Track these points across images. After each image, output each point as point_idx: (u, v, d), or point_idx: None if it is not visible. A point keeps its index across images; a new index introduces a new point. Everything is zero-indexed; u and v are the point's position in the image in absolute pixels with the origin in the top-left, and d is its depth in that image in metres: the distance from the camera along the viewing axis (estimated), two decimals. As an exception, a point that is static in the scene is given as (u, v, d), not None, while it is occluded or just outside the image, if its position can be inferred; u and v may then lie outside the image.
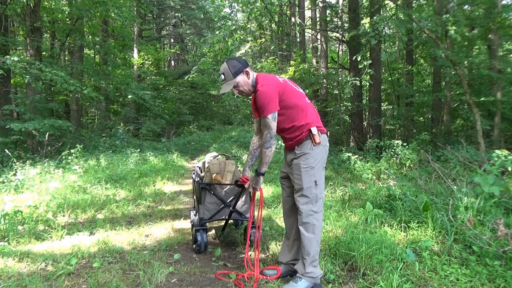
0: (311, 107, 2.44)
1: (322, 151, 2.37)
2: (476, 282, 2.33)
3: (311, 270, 2.27)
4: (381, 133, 10.79)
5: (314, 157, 2.33)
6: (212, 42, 9.02)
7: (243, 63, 2.40)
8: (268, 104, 2.26)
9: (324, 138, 2.40)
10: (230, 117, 29.06)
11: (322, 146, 2.37)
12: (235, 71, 2.36)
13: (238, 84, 2.38)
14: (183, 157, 11.05)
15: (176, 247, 3.23)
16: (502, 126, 8.04)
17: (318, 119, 2.42)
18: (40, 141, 8.44)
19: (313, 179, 2.31)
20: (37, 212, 3.87)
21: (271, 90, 2.28)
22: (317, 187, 2.32)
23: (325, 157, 2.41)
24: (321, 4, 12.34)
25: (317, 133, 2.33)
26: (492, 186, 3.29)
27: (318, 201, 2.33)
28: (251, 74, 2.40)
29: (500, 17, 7.05)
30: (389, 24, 6.97)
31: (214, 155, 3.57)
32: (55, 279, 2.49)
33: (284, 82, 2.40)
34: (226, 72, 2.37)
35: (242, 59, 2.46)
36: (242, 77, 2.37)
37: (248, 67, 2.41)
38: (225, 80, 2.39)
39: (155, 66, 20.94)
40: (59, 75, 7.90)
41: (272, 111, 2.26)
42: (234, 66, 2.37)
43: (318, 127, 2.37)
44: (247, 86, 2.40)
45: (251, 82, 2.40)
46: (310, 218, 2.30)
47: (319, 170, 2.34)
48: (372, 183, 5.29)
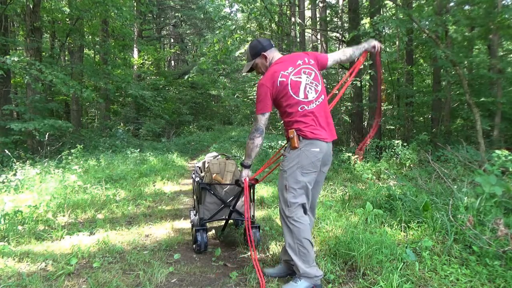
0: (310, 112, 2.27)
1: (300, 156, 2.23)
2: (476, 282, 2.33)
3: (304, 271, 2.25)
4: (381, 133, 10.79)
5: (289, 161, 2.28)
6: (212, 42, 9.03)
7: (264, 45, 2.41)
8: (259, 103, 2.30)
9: (308, 143, 2.24)
10: (230, 117, 29.07)
11: (301, 151, 2.24)
12: (253, 52, 2.43)
13: (257, 66, 2.46)
14: (183, 157, 11.05)
15: (176, 247, 3.23)
16: (502, 126, 8.03)
17: (308, 123, 2.25)
18: (40, 141, 8.44)
19: (284, 183, 2.28)
20: (37, 212, 3.87)
21: (262, 90, 2.28)
22: (288, 192, 2.25)
23: (305, 162, 2.23)
24: (321, 4, 12.35)
25: (295, 136, 2.24)
26: (493, 186, 3.28)
27: (291, 206, 2.24)
28: (270, 57, 2.41)
29: (500, 17, 7.05)
30: (389, 24, 6.97)
31: (214, 155, 3.57)
32: (55, 279, 2.49)
33: (282, 85, 2.25)
34: (247, 53, 2.48)
35: (267, 41, 2.46)
36: (260, 59, 2.43)
37: (269, 50, 2.41)
38: (246, 60, 2.50)
39: (155, 66, 20.94)
40: (59, 77, 7.90)
41: (260, 112, 2.31)
42: (254, 47, 2.43)
43: (300, 131, 2.24)
44: (264, 68, 2.44)
45: (268, 64, 2.41)
46: (283, 221, 2.32)
47: (292, 174, 2.24)
48: (372, 183, 5.29)
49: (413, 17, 6.41)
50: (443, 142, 7.93)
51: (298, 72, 2.30)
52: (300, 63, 2.34)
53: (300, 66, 2.33)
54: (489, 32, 7.72)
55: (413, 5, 10.00)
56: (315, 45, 15.68)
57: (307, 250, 2.24)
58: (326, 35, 12.90)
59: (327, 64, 2.51)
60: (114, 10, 10.30)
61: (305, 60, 2.37)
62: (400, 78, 13.35)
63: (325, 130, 2.31)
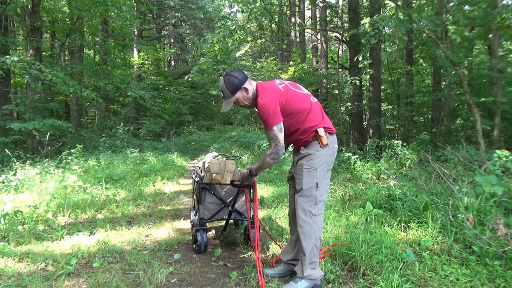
0: (317, 107, 2.36)
1: (328, 153, 2.30)
2: (476, 282, 2.33)
3: (309, 273, 2.25)
4: (381, 133, 10.79)
5: (318, 158, 2.27)
6: (212, 42, 9.03)
7: (240, 79, 2.32)
8: (271, 117, 2.21)
9: (332, 140, 2.33)
10: (230, 117, 29.05)
11: (329, 148, 2.29)
12: (232, 88, 2.32)
13: (238, 100, 2.37)
14: (183, 157, 11.05)
15: (176, 247, 3.23)
16: (502, 126, 8.03)
17: (325, 119, 2.34)
18: (40, 141, 8.44)
19: (315, 181, 2.26)
20: (37, 212, 3.87)
21: (271, 102, 2.22)
22: (318, 189, 2.26)
23: (331, 159, 2.33)
24: (321, 4, 12.34)
25: (324, 134, 2.27)
26: (493, 186, 3.28)
27: (318, 203, 2.27)
28: (250, 88, 2.33)
29: (500, 17, 7.05)
30: (389, 23, 6.97)
31: (214, 155, 3.57)
32: (55, 279, 2.49)
33: (285, 89, 2.31)
34: (224, 90, 2.35)
35: (241, 73, 2.38)
36: (240, 93, 2.34)
37: (247, 81, 2.34)
38: (225, 98, 2.38)
39: (155, 66, 20.94)
40: (59, 76, 7.91)
41: (276, 123, 2.22)
42: (231, 83, 2.32)
43: (326, 127, 2.30)
44: (248, 101, 2.37)
45: (251, 95, 2.34)
46: (307, 220, 2.27)
47: (322, 172, 2.27)
48: (372, 183, 5.28)
49: (413, 17, 6.41)
50: (443, 142, 7.93)
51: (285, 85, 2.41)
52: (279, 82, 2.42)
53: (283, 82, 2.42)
54: (489, 32, 7.72)
55: (413, 5, 10.00)
56: (315, 45, 15.67)
57: (318, 250, 2.29)
58: (326, 35, 12.89)
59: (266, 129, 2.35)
60: (114, 10, 10.31)
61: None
62: (400, 78, 13.35)
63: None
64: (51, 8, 10.99)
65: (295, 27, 12.42)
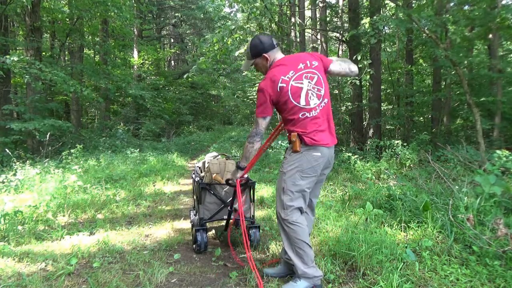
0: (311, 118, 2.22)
1: (301, 159, 2.22)
2: (476, 282, 2.32)
3: (303, 272, 2.24)
4: (381, 133, 10.79)
5: (289, 163, 2.26)
6: (211, 42, 9.02)
7: (265, 46, 2.31)
8: (260, 107, 2.25)
9: (310, 148, 2.22)
10: (230, 117, 29.08)
11: (302, 155, 2.22)
12: (254, 52, 2.35)
13: (257, 65, 2.41)
14: (183, 157, 11.05)
15: (176, 247, 3.23)
16: (502, 126, 8.03)
17: (310, 129, 2.21)
18: (40, 141, 8.44)
19: (282, 185, 2.27)
20: (37, 212, 3.87)
21: (263, 96, 2.22)
22: (285, 195, 2.24)
23: (305, 166, 2.21)
24: (321, 4, 12.34)
25: (297, 139, 2.21)
26: (493, 186, 3.28)
27: (287, 208, 2.23)
28: (271, 59, 2.32)
29: (500, 17, 7.05)
30: (389, 23, 6.97)
31: (214, 155, 3.57)
32: (55, 279, 2.49)
33: (282, 91, 2.19)
34: (247, 51, 2.41)
35: (269, 40, 2.34)
36: (260, 60, 2.36)
37: (271, 51, 2.31)
38: (246, 57, 2.45)
39: (155, 66, 20.94)
40: (59, 76, 7.90)
41: (262, 116, 2.26)
42: (255, 46, 2.34)
43: (303, 135, 2.20)
44: (264, 68, 2.39)
45: (269, 65, 2.35)
46: (279, 223, 2.31)
47: (291, 177, 2.23)
48: (372, 183, 5.28)
49: (413, 17, 6.41)
50: (443, 142, 7.93)
51: (299, 77, 2.22)
52: (301, 66, 2.24)
53: (302, 70, 2.23)
54: (489, 32, 7.72)
55: (413, 5, 10.00)
56: (315, 45, 15.67)
57: (304, 251, 2.23)
58: (326, 35, 12.89)
59: (330, 69, 2.37)
60: (114, 10, 10.32)
61: (307, 64, 2.26)
62: (400, 78, 13.35)
63: (327, 135, 2.28)
64: (51, 8, 10.99)
65: (295, 27, 12.40)
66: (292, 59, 2.30)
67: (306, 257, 2.23)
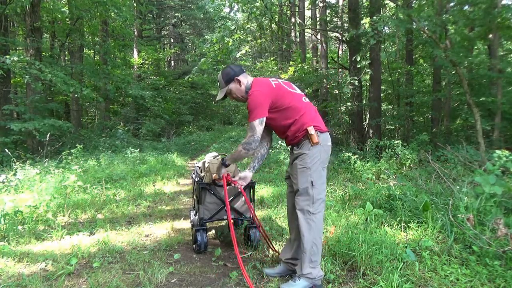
0: (308, 106, 2.41)
1: (321, 151, 2.32)
2: (476, 282, 2.33)
3: (308, 271, 2.26)
4: (381, 133, 10.79)
5: (311, 157, 2.30)
6: (212, 42, 9.03)
7: (236, 71, 2.44)
8: (256, 109, 2.29)
9: (324, 138, 2.35)
10: (230, 117, 29.09)
11: (321, 146, 2.32)
12: (226, 79, 2.44)
13: (230, 91, 2.47)
14: (183, 157, 11.05)
15: (176, 247, 3.23)
16: (502, 126, 8.02)
17: (316, 119, 2.38)
18: (40, 141, 8.44)
19: (309, 180, 2.28)
20: (37, 212, 3.87)
21: (261, 96, 2.30)
22: (314, 188, 2.28)
23: (325, 157, 2.35)
24: (321, 4, 12.34)
25: (314, 132, 2.30)
26: (493, 186, 3.28)
27: (316, 202, 2.29)
28: (244, 81, 2.43)
29: (500, 17, 7.04)
30: (389, 24, 6.97)
31: (214, 155, 3.57)
32: (55, 279, 2.49)
33: (277, 86, 2.38)
34: (219, 80, 2.49)
35: (237, 66, 2.49)
36: (234, 84, 2.44)
37: (242, 74, 2.44)
38: (220, 87, 2.52)
39: (155, 66, 20.94)
40: (59, 76, 7.90)
41: (259, 117, 2.29)
42: (227, 73, 2.45)
43: (316, 126, 2.33)
44: (240, 93, 2.45)
45: (244, 88, 2.43)
46: (305, 218, 2.30)
47: (316, 170, 2.29)
48: (372, 183, 5.28)
49: (413, 17, 6.41)
50: (443, 142, 7.93)
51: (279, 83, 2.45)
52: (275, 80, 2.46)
53: (277, 80, 2.47)
54: (489, 32, 7.71)
55: (413, 5, 10.00)
56: (315, 45, 15.67)
57: (318, 248, 2.28)
58: (326, 35, 12.89)
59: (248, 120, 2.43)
60: (114, 10, 10.31)
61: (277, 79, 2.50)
62: (400, 78, 13.35)
63: None
64: (51, 8, 10.98)
65: (295, 27, 12.41)
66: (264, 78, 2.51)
67: (318, 256, 2.29)
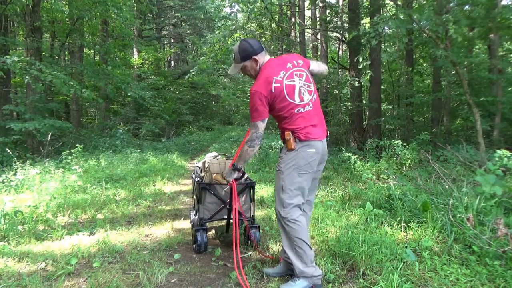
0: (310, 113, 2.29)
1: (298, 157, 2.25)
2: (476, 282, 2.32)
3: (301, 270, 2.25)
4: (381, 133, 10.78)
5: (285, 162, 2.28)
6: (212, 42, 9.03)
7: (255, 48, 2.33)
8: (257, 111, 2.25)
9: (305, 145, 2.25)
10: (230, 117, 29.06)
11: (297, 152, 2.25)
12: (244, 55, 2.35)
13: (245, 68, 2.40)
14: (183, 157, 11.05)
15: (176, 247, 3.23)
16: (502, 126, 8.02)
17: (306, 125, 2.26)
18: (40, 141, 8.44)
19: (280, 184, 2.29)
20: (37, 212, 3.88)
21: (257, 99, 2.22)
22: (284, 193, 2.26)
23: (302, 163, 2.25)
24: (321, 4, 12.34)
25: (291, 138, 2.24)
26: (493, 186, 3.28)
27: (287, 206, 2.26)
28: (261, 61, 2.34)
29: (500, 17, 7.04)
30: (389, 24, 6.96)
31: (214, 155, 3.58)
32: (55, 279, 2.49)
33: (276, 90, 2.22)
34: (236, 54, 2.40)
35: (257, 43, 2.38)
36: (250, 63, 2.36)
37: (260, 53, 2.34)
38: (234, 61, 2.43)
39: (155, 66, 20.94)
40: (59, 77, 7.90)
41: (261, 119, 2.26)
42: (245, 49, 2.35)
43: (297, 132, 2.24)
44: (254, 72, 2.39)
45: (258, 68, 2.36)
46: (279, 222, 2.32)
47: (289, 175, 2.26)
48: (372, 183, 5.28)
49: (413, 17, 6.40)
50: (443, 142, 7.93)
51: (290, 75, 2.29)
52: (290, 66, 2.32)
53: (291, 69, 2.31)
54: (489, 32, 7.71)
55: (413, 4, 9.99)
56: (315, 45, 15.67)
57: (303, 250, 2.24)
58: (326, 35, 12.90)
59: (311, 68, 2.45)
60: (114, 10, 10.31)
61: (294, 63, 2.34)
62: (400, 78, 13.35)
63: (319, 128, 2.34)
64: (51, 8, 10.98)
65: (295, 27, 12.41)
66: (279, 60, 2.38)
67: (305, 256, 2.24)
